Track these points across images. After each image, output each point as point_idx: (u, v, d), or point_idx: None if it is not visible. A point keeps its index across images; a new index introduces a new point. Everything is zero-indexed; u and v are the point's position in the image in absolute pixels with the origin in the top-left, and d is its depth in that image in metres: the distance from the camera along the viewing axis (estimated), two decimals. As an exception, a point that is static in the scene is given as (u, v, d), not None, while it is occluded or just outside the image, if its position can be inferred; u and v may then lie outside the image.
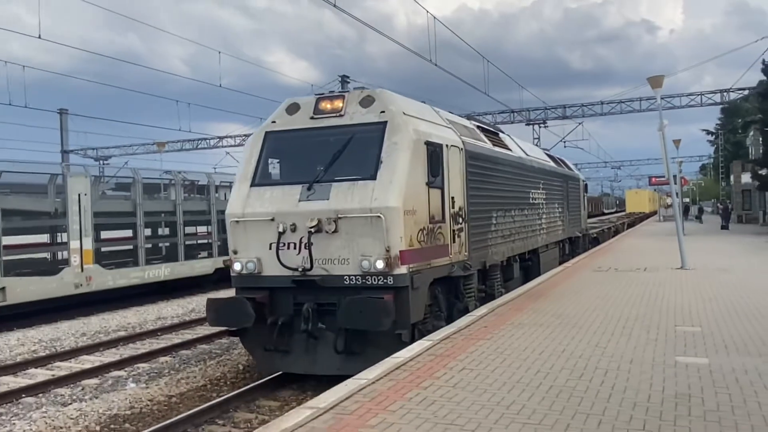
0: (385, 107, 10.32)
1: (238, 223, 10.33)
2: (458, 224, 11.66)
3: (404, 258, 9.38)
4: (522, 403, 6.08)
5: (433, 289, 10.82)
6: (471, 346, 8.64)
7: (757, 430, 5.17)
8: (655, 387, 6.49)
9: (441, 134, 11.45)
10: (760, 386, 6.43)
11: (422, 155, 10.24)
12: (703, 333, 9.15)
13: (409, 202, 9.56)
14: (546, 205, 20.18)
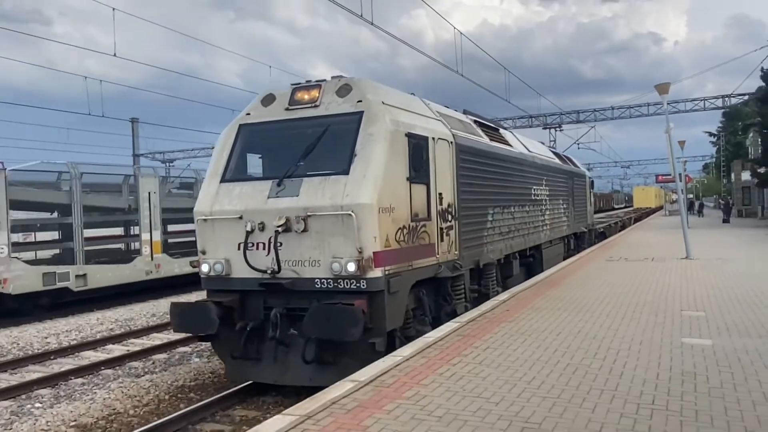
0: (362, 96, 8.56)
1: (206, 222, 8.67)
2: (447, 222, 9.87)
3: (379, 260, 7.69)
4: (542, 378, 6.05)
5: (417, 291, 9.08)
6: (495, 327, 8.60)
7: (759, 406, 5.10)
8: (663, 365, 6.41)
9: (427, 126, 9.62)
10: (761, 365, 6.33)
11: (402, 148, 8.46)
12: (706, 317, 9.00)
13: (385, 198, 7.86)
14: (550, 202, 17.94)
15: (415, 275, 8.74)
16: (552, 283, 13.17)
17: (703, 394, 5.46)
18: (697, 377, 5.96)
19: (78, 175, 18.06)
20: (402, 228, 8.33)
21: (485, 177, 11.93)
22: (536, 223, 16.17)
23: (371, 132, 8.06)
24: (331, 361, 7.84)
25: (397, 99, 9.43)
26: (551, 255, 17.99)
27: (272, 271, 7.96)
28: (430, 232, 9.20)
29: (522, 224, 14.58)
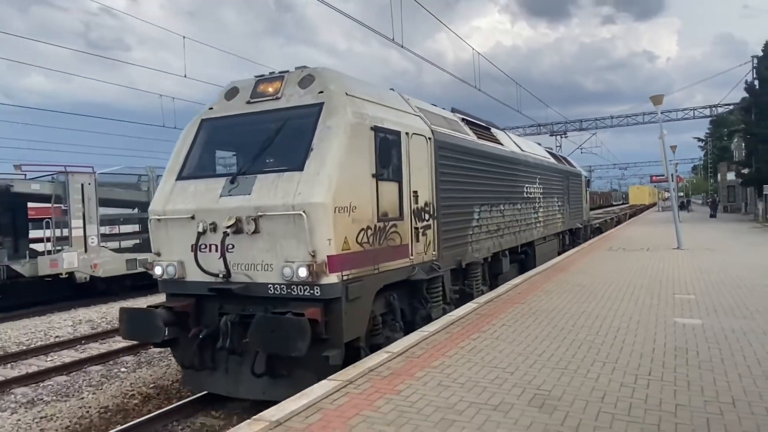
0: (324, 87, 7.06)
1: (159, 222, 7.18)
2: (423, 221, 8.22)
3: (335, 264, 6.21)
4: (551, 352, 6.06)
5: (387, 296, 7.52)
6: (509, 307, 8.58)
7: (744, 378, 5.09)
8: (658, 342, 6.37)
9: (400, 120, 7.94)
10: (745, 342, 6.27)
11: (367, 142, 6.93)
12: (696, 300, 8.86)
13: (343, 196, 6.38)
14: (544, 199, 15.96)
15: (383, 279, 7.18)
16: (560, 269, 13.07)
17: (693, 367, 5.43)
18: (689, 352, 5.93)
19: (155, 177, 18.55)
20: (366, 229, 6.79)
21: (471, 175, 10.29)
22: (529, 220, 14.32)
23: (330, 125, 6.58)
24: (284, 374, 6.47)
25: (365, 91, 7.78)
26: (545, 251, 16.11)
27: (224, 276, 6.56)
28: (402, 232, 7.58)
29: (513, 222, 12.83)
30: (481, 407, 4.53)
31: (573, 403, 4.55)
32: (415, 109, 9.02)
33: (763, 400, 4.50)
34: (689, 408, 4.40)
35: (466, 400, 4.70)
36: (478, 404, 4.59)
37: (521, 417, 4.31)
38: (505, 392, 4.85)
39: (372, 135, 7.02)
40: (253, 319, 6.00)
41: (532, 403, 4.57)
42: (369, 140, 6.98)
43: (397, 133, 7.63)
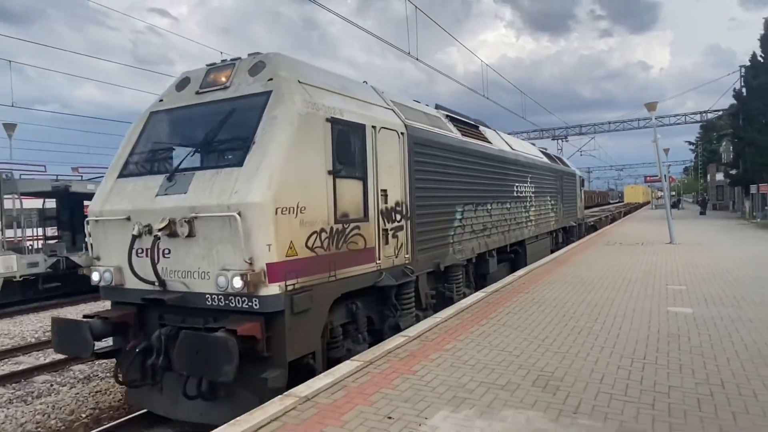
0: (274, 74, 5.76)
1: (97, 223, 5.96)
2: (394, 222, 6.88)
3: (276, 273, 4.95)
4: (553, 337, 6.01)
5: (349, 304, 6.24)
6: (515, 296, 8.53)
7: (732, 362, 5.03)
8: (653, 328, 6.30)
9: (366, 113, 6.60)
10: (733, 329, 6.18)
11: (321, 135, 5.63)
12: (688, 290, 8.73)
13: (288, 195, 5.12)
14: (535, 198, 14.36)
15: (342, 287, 5.88)
16: (560, 262, 12.95)
17: (685, 351, 5.37)
18: (680, 338, 5.85)
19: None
20: (319, 232, 5.49)
21: (453, 173, 8.88)
22: (519, 219, 12.78)
23: (275, 115, 5.34)
24: (223, 396, 5.18)
25: (324, 80, 6.39)
26: (537, 249, 14.50)
27: (159, 284, 5.35)
28: (366, 234, 6.29)
29: (502, 221, 11.34)
30: (490, 386, 4.51)
31: (574, 384, 4.52)
32: (389, 103, 7.54)
33: (750, 383, 4.44)
34: (681, 389, 4.34)
35: (476, 380, 4.69)
36: (487, 384, 4.58)
37: (526, 396, 4.29)
38: (511, 373, 4.83)
39: (328, 127, 5.73)
40: (179, 338, 4.82)
41: (536, 384, 4.55)
42: (324, 133, 5.66)
43: (360, 126, 6.33)
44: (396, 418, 3.94)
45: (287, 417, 4.02)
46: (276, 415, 4.02)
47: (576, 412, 3.96)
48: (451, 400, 4.25)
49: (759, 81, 30.55)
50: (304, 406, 4.19)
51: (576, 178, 21.66)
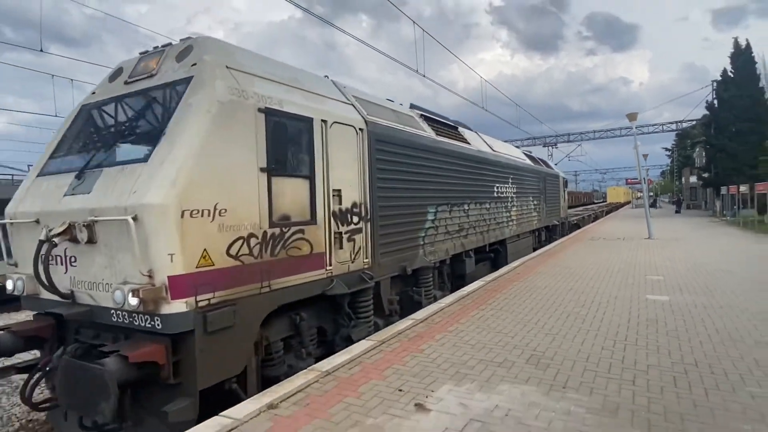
0: (198, 58, 4.54)
1: (12, 227, 4.79)
2: (350, 225, 5.63)
3: (182, 287, 3.78)
4: (544, 321, 5.95)
5: (292, 316, 5.01)
6: (510, 284, 8.45)
7: (704, 344, 4.94)
8: (633, 314, 6.20)
9: (315, 106, 5.30)
10: (705, 315, 6.06)
11: (250, 127, 4.41)
12: (664, 280, 8.58)
13: (200, 195, 3.94)
14: (517, 198, 12.91)
15: (280, 298, 4.62)
16: (550, 255, 12.82)
17: (662, 334, 5.28)
18: (658, 323, 5.75)
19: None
20: (247, 237, 4.25)
21: (425, 173, 7.56)
22: (500, 219, 11.38)
23: (191, 102, 4.14)
24: (129, 426, 3.93)
25: (264, 68, 5.03)
26: (519, 248, 13.09)
27: (66, 295, 4.19)
28: (314, 238, 5.01)
29: (480, 221, 10.03)
30: (488, 364, 4.48)
31: (563, 362, 4.46)
32: (349, 98, 6.26)
33: (720, 362, 4.36)
34: (659, 368, 4.28)
35: (476, 357, 4.66)
36: (486, 361, 4.55)
37: (520, 372, 4.25)
38: (507, 352, 4.79)
39: (261, 118, 4.50)
40: (59, 366, 3.83)
41: (529, 362, 4.51)
42: (256, 125, 4.43)
43: (306, 119, 5.05)
44: (406, 390, 3.93)
45: (311, 389, 4.02)
46: (301, 387, 4.02)
47: (565, 387, 3.92)
48: (454, 375, 4.22)
49: (729, 94, 29.98)
50: (325, 380, 4.20)
51: (559, 180, 19.96)
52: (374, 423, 3.41)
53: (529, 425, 3.30)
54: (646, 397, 3.67)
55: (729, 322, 5.68)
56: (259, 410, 3.62)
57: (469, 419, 3.42)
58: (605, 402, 3.61)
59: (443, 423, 3.37)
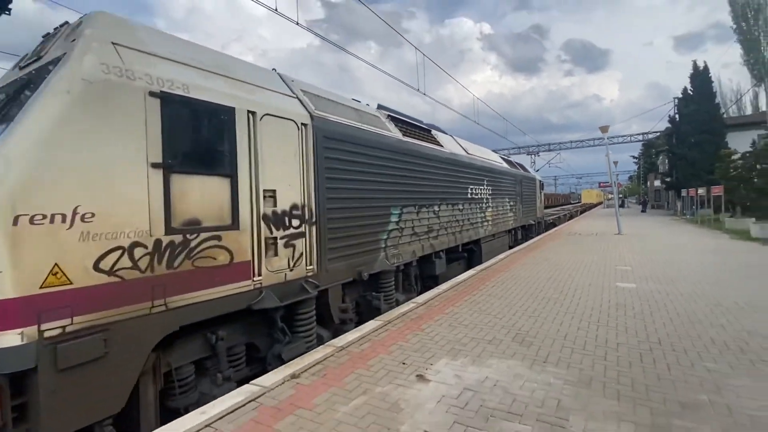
0: (80, 33, 3.15)
1: None
2: (288, 229, 4.45)
3: (15, 313, 2.53)
4: (527, 305, 5.94)
5: (209, 336, 3.84)
6: (498, 274, 8.45)
7: (667, 325, 4.91)
8: (605, 299, 6.18)
9: (241, 95, 4.07)
10: (668, 300, 6.03)
11: (137, 113, 3.14)
12: (632, 270, 8.54)
13: (47, 196, 2.67)
14: (493, 200, 11.65)
15: (180, 318, 3.43)
16: (532, 249, 12.79)
17: (630, 317, 5.26)
18: (626, 307, 5.73)
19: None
20: (129, 248, 3.13)
21: (388, 173, 6.43)
22: (474, 219, 10.20)
23: (50, 81, 2.97)
24: None
25: (173, 49, 3.76)
26: (494, 247, 11.76)
27: None
28: (235, 246, 3.85)
29: (453, 222, 8.89)
30: (479, 341, 4.49)
31: (543, 340, 4.47)
32: (295, 91, 5.01)
33: (681, 341, 4.35)
34: (627, 345, 4.28)
35: (469, 336, 4.67)
36: (477, 339, 4.56)
37: (507, 348, 4.26)
38: (495, 331, 4.80)
39: (155, 104, 3.33)
40: None
41: (515, 340, 4.52)
42: (146, 111, 3.27)
43: (226, 109, 3.88)
44: (408, 363, 3.96)
45: (327, 361, 4.06)
46: (319, 360, 4.06)
47: (545, 361, 3.93)
48: (450, 351, 4.24)
49: (689, 109, 29.81)
50: (339, 354, 4.23)
51: (536, 182, 18.52)
52: (382, 391, 3.44)
53: (515, 394, 3.33)
54: (616, 371, 3.68)
55: (688, 306, 5.67)
56: (284, 379, 3.66)
57: (463, 388, 3.44)
58: (580, 375, 3.63)
59: (441, 391, 3.40)
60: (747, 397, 3.18)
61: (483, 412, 3.08)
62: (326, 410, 3.17)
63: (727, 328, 4.71)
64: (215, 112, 3.79)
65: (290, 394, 3.41)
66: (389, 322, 5.21)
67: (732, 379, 3.49)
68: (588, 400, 3.20)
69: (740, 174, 21.69)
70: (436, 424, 2.94)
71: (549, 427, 2.86)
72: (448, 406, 3.17)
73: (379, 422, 2.99)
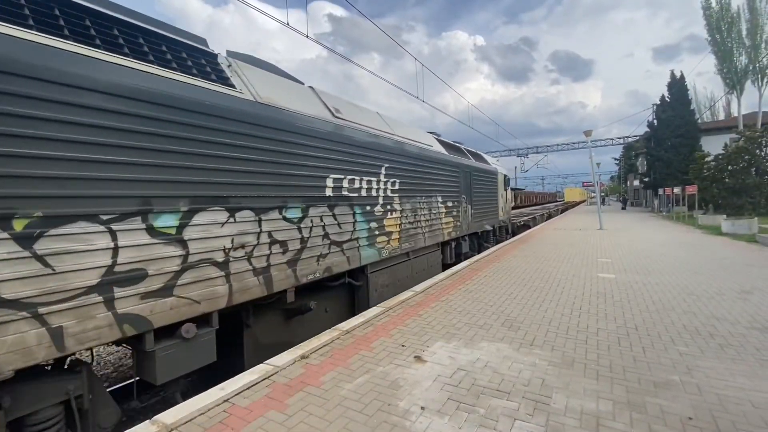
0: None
1: None
2: None
3: None
4: (516, 293, 5.94)
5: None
6: (489, 265, 8.43)
7: (643, 312, 4.89)
8: (587, 288, 6.16)
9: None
10: (645, 290, 6.00)
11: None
12: (612, 262, 8.50)
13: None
14: (403, 199, 6.62)
15: None
16: (522, 242, 12.74)
17: (610, 305, 5.24)
18: (606, 295, 5.71)
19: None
20: None
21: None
22: (349, 236, 5.20)
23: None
24: None
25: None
26: (403, 275, 6.91)
27: None
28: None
29: (282, 244, 4.09)
30: (471, 326, 4.50)
31: (530, 325, 4.47)
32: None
33: (656, 327, 4.34)
34: (606, 330, 4.27)
35: (462, 321, 4.67)
36: (470, 324, 4.56)
37: (497, 333, 4.27)
38: (487, 317, 4.80)
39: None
40: None
41: (504, 324, 4.52)
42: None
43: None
44: (407, 346, 3.97)
45: (334, 344, 4.07)
46: (326, 342, 4.08)
47: (532, 344, 3.93)
48: (445, 334, 4.25)
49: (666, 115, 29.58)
50: (345, 337, 4.25)
51: (498, 177, 13.31)
52: (383, 370, 3.45)
53: (503, 374, 3.33)
54: (596, 354, 3.68)
55: (663, 295, 5.65)
56: (294, 360, 3.68)
57: (456, 368, 3.45)
58: (563, 357, 3.63)
59: (436, 371, 3.41)
60: (715, 378, 3.18)
61: (474, 390, 3.09)
62: (333, 387, 3.19)
63: (698, 315, 4.69)
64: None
65: (300, 373, 3.43)
66: (390, 309, 5.22)
67: (702, 361, 3.48)
68: (570, 379, 3.21)
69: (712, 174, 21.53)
70: (431, 400, 2.95)
71: (534, 403, 2.87)
72: (442, 384, 3.18)
73: (380, 398, 3.00)
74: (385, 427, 2.65)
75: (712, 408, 2.77)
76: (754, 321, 4.45)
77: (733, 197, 19.95)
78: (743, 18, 26.13)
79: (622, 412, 2.75)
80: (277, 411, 2.88)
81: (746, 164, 20.51)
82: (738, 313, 4.72)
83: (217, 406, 2.98)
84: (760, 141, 20.71)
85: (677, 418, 2.67)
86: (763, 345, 3.78)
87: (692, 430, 2.54)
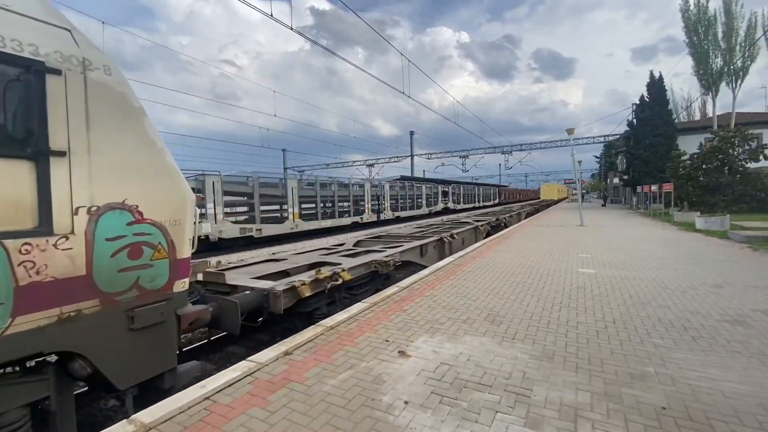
0: None
1: None
2: None
3: None
4: (499, 288, 6.00)
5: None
6: (473, 261, 8.51)
7: (621, 306, 5.00)
8: (567, 283, 6.27)
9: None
10: (623, 284, 6.14)
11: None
12: (592, 257, 8.68)
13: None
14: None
15: None
16: (505, 238, 12.90)
17: (589, 299, 5.35)
18: (586, 290, 5.83)
19: (257, 179, 18.62)
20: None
21: None
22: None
23: None
24: None
25: None
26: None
27: None
28: None
29: None
30: (455, 320, 4.53)
31: (512, 320, 4.52)
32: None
33: (632, 320, 4.44)
34: (585, 324, 4.35)
35: (446, 316, 4.70)
36: (453, 318, 4.59)
37: (480, 327, 4.30)
38: (470, 312, 4.84)
39: None
40: None
41: (487, 319, 4.56)
42: None
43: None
44: (392, 341, 3.97)
45: (318, 340, 4.04)
46: (311, 338, 4.04)
47: (513, 338, 3.98)
48: (429, 329, 4.26)
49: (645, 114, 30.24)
50: (329, 333, 4.22)
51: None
52: (367, 366, 3.45)
53: (486, 367, 3.37)
54: (575, 347, 3.75)
55: (640, 290, 5.79)
56: (277, 356, 3.64)
57: (440, 362, 3.47)
58: (544, 350, 3.68)
59: (420, 365, 3.42)
60: (688, 369, 3.28)
61: (457, 383, 3.11)
62: (316, 383, 3.16)
63: (673, 309, 4.83)
64: None
65: (283, 369, 3.40)
66: (375, 304, 5.21)
67: (676, 353, 3.59)
68: (550, 372, 3.26)
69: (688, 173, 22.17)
70: (415, 394, 2.96)
71: (515, 396, 2.91)
72: (426, 379, 3.19)
73: (364, 393, 2.99)
74: (369, 422, 2.64)
75: (685, 398, 2.86)
76: (725, 314, 4.61)
77: (707, 195, 20.61)
78: (719, 21, 26.87)
79: (600, 403, 2.81)
80: (259, 408, 2.84)
81: (720, 163, 21.19)
82: (710, 307, 4.89)
83: (198, 404, 2.92)
84: (733, 141, 21.42)
85: (652, 408, 2.74)
86: (733, 337, 3.92)
87: (666, 419, 2.61)
